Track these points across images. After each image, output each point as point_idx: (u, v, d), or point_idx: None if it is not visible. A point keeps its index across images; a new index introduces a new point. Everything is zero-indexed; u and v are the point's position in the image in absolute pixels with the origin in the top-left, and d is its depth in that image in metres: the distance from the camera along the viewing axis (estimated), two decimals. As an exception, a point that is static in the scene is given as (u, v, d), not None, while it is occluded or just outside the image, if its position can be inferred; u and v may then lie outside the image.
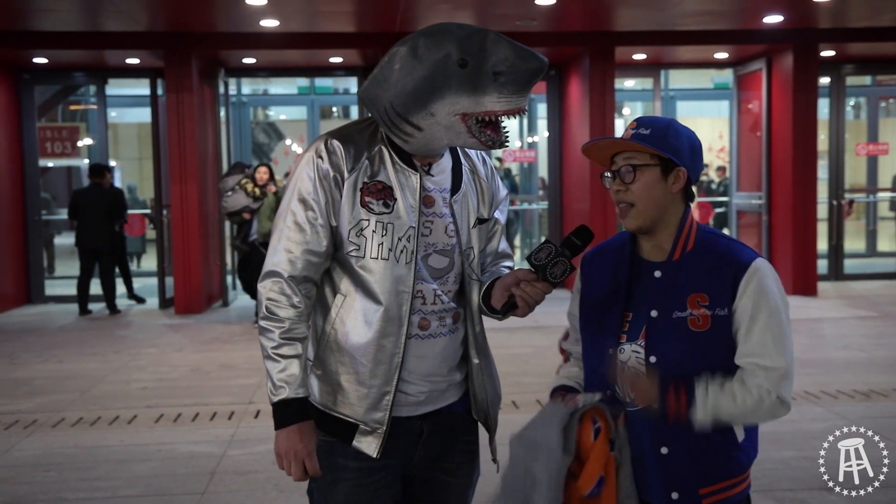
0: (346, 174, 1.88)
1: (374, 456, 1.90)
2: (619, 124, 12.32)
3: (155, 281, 10.11)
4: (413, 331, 1.91)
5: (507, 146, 1.91)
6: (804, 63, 9.59)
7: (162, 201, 9.84)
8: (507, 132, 1.86)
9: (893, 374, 6.10)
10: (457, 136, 1.85)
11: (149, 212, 11.43)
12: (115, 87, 12.13)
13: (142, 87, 10.99)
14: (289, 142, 15.97)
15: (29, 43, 9.04)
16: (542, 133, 11.76)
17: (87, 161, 11.81)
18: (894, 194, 14.47)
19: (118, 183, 12.49)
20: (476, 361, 2.01)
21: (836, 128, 10.91)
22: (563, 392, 1.97)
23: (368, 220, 1.88)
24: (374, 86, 1.89)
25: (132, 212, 11.24)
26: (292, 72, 11.79)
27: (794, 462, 4.24)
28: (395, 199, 1.90)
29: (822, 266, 10.53)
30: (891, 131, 16.03)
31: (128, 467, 4.43)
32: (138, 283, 10.64)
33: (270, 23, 8.57)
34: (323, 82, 14.37)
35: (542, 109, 11.68)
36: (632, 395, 1.83)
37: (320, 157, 1.89)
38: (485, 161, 2.11)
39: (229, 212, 8.40)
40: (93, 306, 9.43)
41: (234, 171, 8.66)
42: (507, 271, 2.04)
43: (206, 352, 7.31)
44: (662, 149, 1.82)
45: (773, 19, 8.93)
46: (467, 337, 2.02)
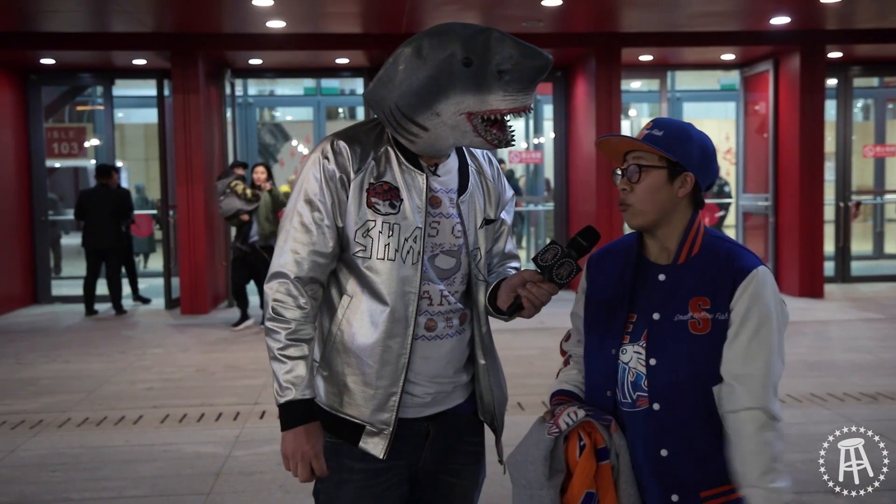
0: (352, 175, 1.88)
1: (381, 457, 1.89)
2: (625, 126, 12.31)
3: (161, 281, 10.13)
4: (419, 332, 1.91)
5: (514, 145, 1.90)
6: (811, 64, 9.56)
7: (168, 202, 9.86)
8: (513, 131, 1.86)
9: (901, 376, 6.08)
10: (463, 135, 1.85)
11: (156, 212, 11.45)
12: (122, 88, 12.17)
13: (148, 88, 11.01)
14: (295, 143, 15.96)
15: (36, 44, 9.07)
16: (549, 134, 11.74)
17: (93, 162, 11.83)
18: (902, 196, 14.42)
19: (125, 184, 12.51)
20: (483, 362, 2.01)
21: (843, 129, 10.88)
22: (561, 397, 1.97)
23: (375, 220, 1.88)
24: (379, 87, 1.89)
25: (141, 212, 11.27)
26: (298, 73, 11.80)
27: (799, 465, 4.21)
28: (402, 200, 1.89)
29: (829, 268, 10.49)
30: (898, 133, 15.97)
31: (133, 468, 4.43)
32: (144, 283, 10.67)
33: (277, 24, 8.58)
34: (329, 83, 14.38)
35: (548, 111, 11.66)
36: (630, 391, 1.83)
37: (326, 157, 1.88)
38: (491, 161, 2.10)
39: (226, 216, 8.35)
40: (99, 307, 9.45)
41: (224, 173, 8.58)
42: (513, 272, 2.03)
43: (211, 352, 7.31)
44: (671, 152, 1.82)
45: (780, 21, 8.91)
46: (474, 338, 2.01)
